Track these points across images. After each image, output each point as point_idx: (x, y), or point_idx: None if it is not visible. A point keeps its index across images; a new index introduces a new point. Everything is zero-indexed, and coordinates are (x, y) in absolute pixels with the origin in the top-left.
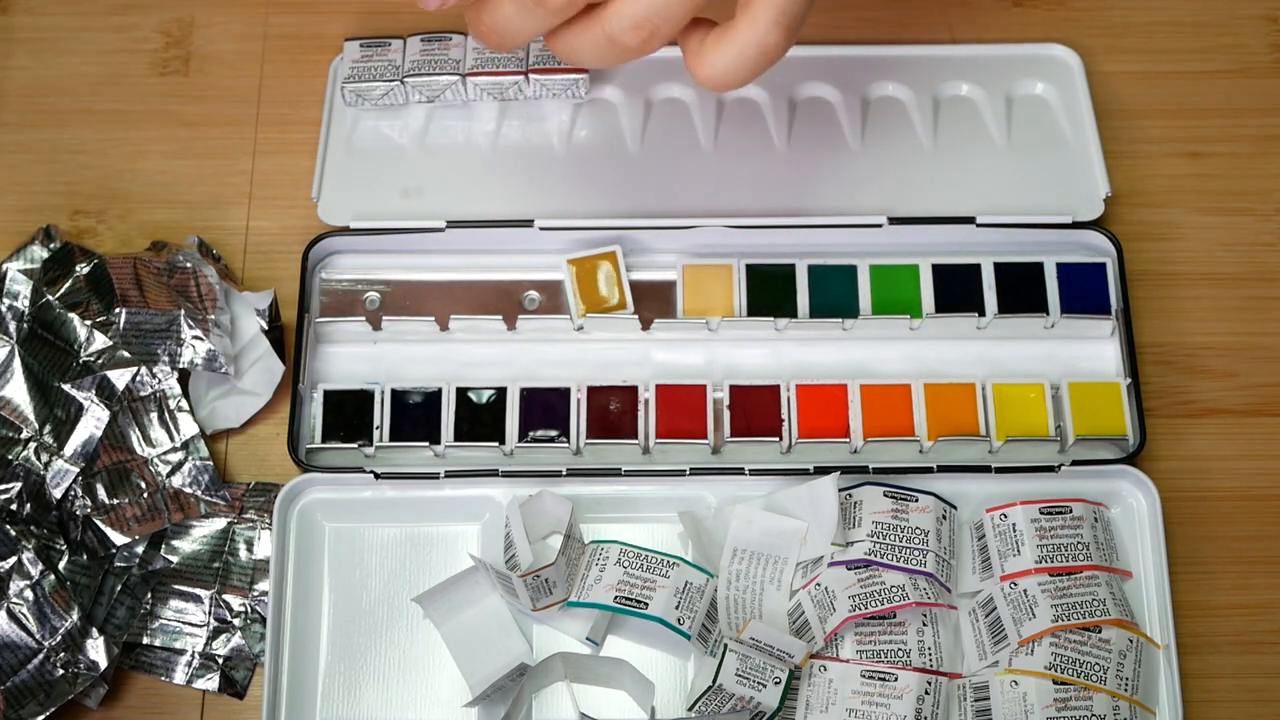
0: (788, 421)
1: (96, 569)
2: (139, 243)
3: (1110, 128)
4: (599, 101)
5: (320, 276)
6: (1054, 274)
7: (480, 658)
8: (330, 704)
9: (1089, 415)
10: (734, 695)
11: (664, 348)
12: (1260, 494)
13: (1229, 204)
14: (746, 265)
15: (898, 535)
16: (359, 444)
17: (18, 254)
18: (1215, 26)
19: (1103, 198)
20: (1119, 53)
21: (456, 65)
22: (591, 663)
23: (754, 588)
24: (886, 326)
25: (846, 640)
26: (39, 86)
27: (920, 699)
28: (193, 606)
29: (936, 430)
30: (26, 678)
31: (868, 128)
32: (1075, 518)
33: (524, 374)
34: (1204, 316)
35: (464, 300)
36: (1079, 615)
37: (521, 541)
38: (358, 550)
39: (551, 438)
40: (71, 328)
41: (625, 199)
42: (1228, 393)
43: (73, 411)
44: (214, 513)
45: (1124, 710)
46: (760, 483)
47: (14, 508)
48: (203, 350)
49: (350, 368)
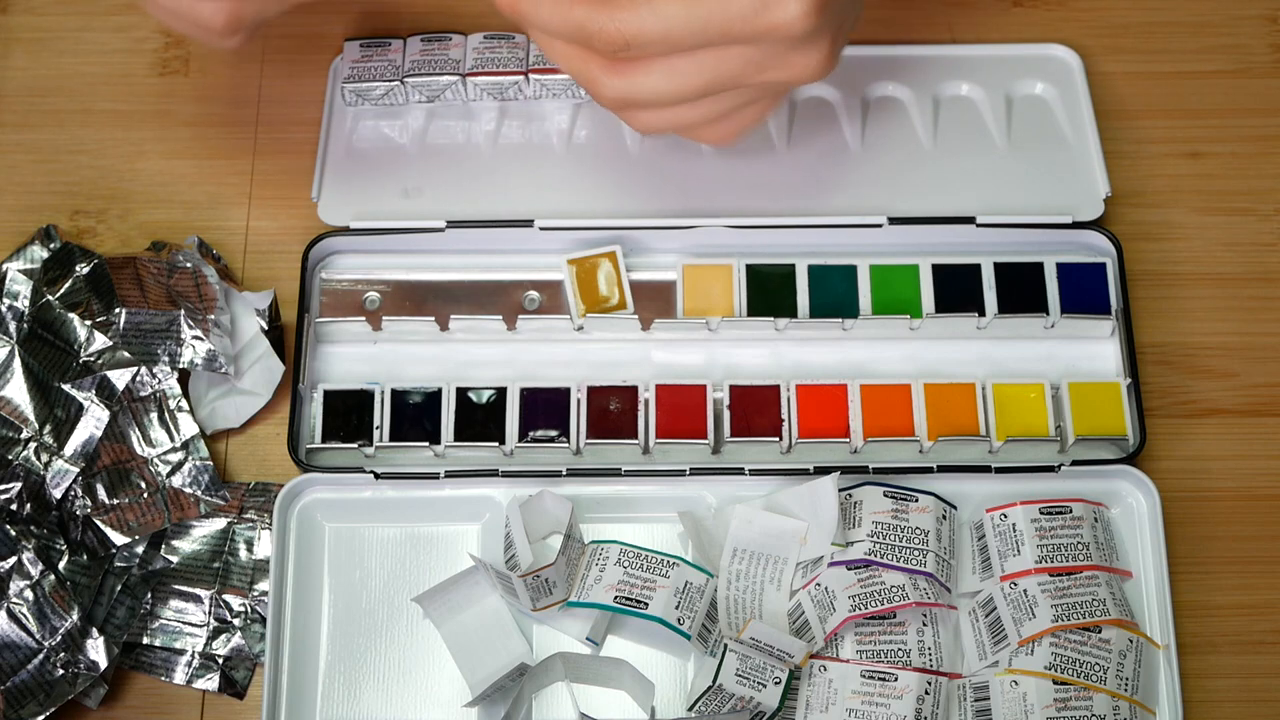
0: (788, 421)
1: (96, 569)
2: (139, 243)
3: (1110, 128)
4: None
5: (320, 276)
6: (1054, 274)
7: (480, 658)
8: (330, 704)
9: (1089, 415)
10: (734, 695)
11: (664, 348)
12: (1260, 494)
13: (1229, 204)
14: (746, 265)
15: (898, 535)
16: (359, 444)
17: (18, 254)
18: (1215, 26)
19: (1103, 198)
20: (1119, 53)
21: (456, 65)
22: (591, 663)
23: (754, 588)
24: (886, 326)
25: (846, 640)
26: (39, 86)
27: (920, 699)
28: (193, 606)
29: (936, 430)
30: (26, 678)
31: (868, 128)
32: (1075, 518)
33: (524, 374)
34: (1204, 316)
35: (464, 300)
36: (1079, 615)
37: (521, 541)
38: (358, 550)
39: (551, 438)
40: (71, 328)
41: (625, 199)
42: (1228, 393)
43: (73, 411)
44: (214, 513)
45: (1124, 710)
46: (760, 483)
47: (14, 508)
48: (203, 350)
49: (350, 368)
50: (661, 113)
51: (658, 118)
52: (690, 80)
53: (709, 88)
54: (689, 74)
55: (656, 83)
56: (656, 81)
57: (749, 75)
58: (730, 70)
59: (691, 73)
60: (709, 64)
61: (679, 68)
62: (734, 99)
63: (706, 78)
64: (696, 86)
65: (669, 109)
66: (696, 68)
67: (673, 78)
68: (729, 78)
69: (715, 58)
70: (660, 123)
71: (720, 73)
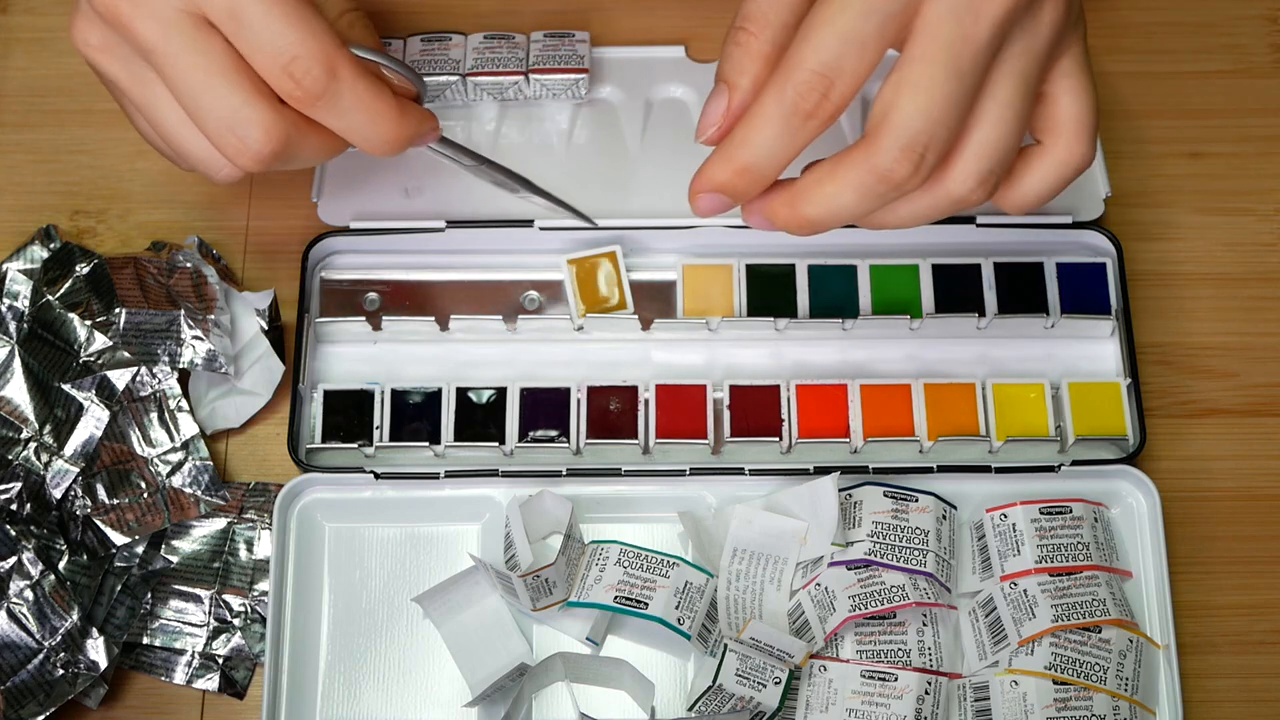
0: (788, 421)
1: (96, 569)
2: (139, 243)
3: (1110, 128)
4: (599, 101)
5: (320, 276)
6: (1054, 274)
7: (480, 658)
8: (330, 704)
9: (1089, 415)
10: (734, 695)
11: (664, 348)
12: (1260, 494)
13: (1229, 204)
14: (746, 265)
15: (898, 535)
16: (359, 444)
17: (18, 254)
18: (1215, 26)
19: (1103, 198)
20: (1119, 53)
21: (456, 65)
22: (591, 663)
23: (754, 588)
24: (886, 326)
25: (846, 640)
26: (39, 86)
27: (920, 699)
28: (193, 606)
29: (936, 430)
30: (26, 678)
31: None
32: (1075, 518)
33: (524, 374)
34: (1204, 316)
35: (464, 300)
36: (1079, 615)
37: (521, 541)
38: (358, 550)
39: (551, 438)
40: (71, 328)
41: (625, 199)
42: (1228, 393)
43: (73, 411)
44: (214, 513)
45: (1124, 710)
46: (760, 483)
47: (14, 508)
48: (203, 350)
49: (350, 368)
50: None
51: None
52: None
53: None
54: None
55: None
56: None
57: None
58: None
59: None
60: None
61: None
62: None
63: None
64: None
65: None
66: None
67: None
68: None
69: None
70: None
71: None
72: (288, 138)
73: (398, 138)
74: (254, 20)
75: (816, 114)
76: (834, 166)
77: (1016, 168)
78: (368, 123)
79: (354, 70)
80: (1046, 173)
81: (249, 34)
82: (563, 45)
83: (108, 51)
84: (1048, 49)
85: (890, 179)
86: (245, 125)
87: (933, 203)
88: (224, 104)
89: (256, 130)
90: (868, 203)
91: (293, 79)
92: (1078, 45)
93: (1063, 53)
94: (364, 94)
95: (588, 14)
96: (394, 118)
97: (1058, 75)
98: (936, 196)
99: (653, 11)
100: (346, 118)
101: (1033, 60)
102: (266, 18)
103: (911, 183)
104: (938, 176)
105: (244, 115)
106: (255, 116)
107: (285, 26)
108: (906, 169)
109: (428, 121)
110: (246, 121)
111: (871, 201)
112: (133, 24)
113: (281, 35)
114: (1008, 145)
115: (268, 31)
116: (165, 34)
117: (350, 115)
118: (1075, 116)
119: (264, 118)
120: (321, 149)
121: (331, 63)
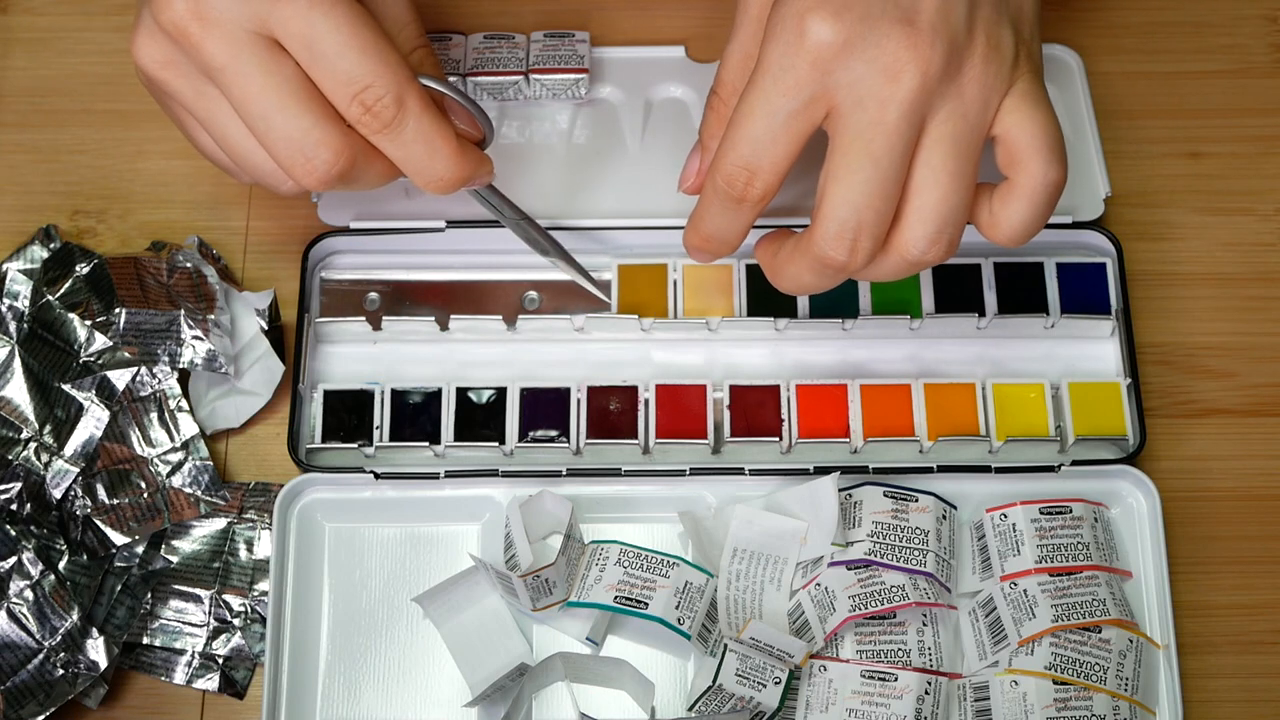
0: (788, 421)
1: (96, 569)
2: (139, 243)
3: (1110, 128)
4: (599, 101)
5: (320, 276)
6: (1054, 274)
7: (480, 658)
8: (330, 704)
9: (1089, 415)
10: (734, 695)
11: (664, 348)
12: (1260, 494)
13: (1229, 204)
14: (746, 265)
15: (898, 535)
16: (359, 444)
17: (18, 254)
18: (1215, 26)
19: (1103, 198)
20: (1119, 53)
21: (456, 65)
22: (591, 663)
23: (754, 588)
24: (886, 326)
25: (846, 640)
26: (39, 86)
27: (920, 699)
28: (193, 606)
29: (936, 430)
30: (26, 678)
31: None
32: (1075, 518)
33: (524, 374)
34: (1204, 316)
35: (464, 300)
36: (1079, 615)
37: (521, 541)
38: (358, 550)
39: (551, 438)
40: (71, 328)
41: (625, 199)
42: (1228, 393)
43: (73, 411)
44: (214, 513)
45: (1124, 710)
46: (760, 483)
47: (14, 508)
48: (203, 350)
49: (350, 368)
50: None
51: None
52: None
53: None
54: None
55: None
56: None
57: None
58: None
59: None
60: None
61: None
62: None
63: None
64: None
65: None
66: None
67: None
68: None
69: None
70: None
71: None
72: (354, 161)
73: (453, 177)
74: (330, 49)
75: (747, 198)
76: (792, 251)
77: (995, 207)
78: (425, 156)
79: (421, 103)
80: (1021, 203)
81: (324, 62)
82: (563, 45)
83: (171, 68)
84: (979, 106)
85: (832, 264)
86: (315, 147)
87: (897, 265)
88: (294, 125)
89: (326, 152)
90: (826, 280)
91: (364, 106)
92: (1024, 80)
93: (1005, 95)
94: (427, 128)
95: (588, 14)
96: (452, 156)
97: (1003, 114)
98: (896, 261)
99: (653, 11)
100: (407, 149)
101: (962, 121)
102: (343, 47)
103: (853, 263)
104: (890, 245)
105: (314, 137)
106: (325, 139)
107: (360, 56)
108: (843, 254)
109: (484, 165)
110: (316, 143)
111: (829, 279)
112: (203, 44)
113: (357, 65)
114: (950, 205)
115: (343, 60)
116: (236, 54)
117: (411, 147)
118: (1029, 142)
119: (334, 140)
120: (380, 175)
121: (401, 93)
